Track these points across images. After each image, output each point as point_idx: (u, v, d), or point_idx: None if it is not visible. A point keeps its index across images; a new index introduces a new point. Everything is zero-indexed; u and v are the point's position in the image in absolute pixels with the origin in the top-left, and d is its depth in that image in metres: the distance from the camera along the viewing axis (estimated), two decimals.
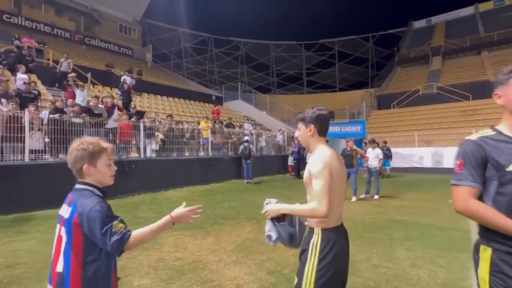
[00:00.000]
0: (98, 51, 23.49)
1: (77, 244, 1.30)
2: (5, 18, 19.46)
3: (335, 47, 37.85)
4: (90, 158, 1.38)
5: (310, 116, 1.73)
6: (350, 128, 16.55)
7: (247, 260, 3.78)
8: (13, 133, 5.78)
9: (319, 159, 1.61)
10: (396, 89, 24.54)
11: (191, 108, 18.33)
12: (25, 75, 8.78)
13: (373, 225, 5.34)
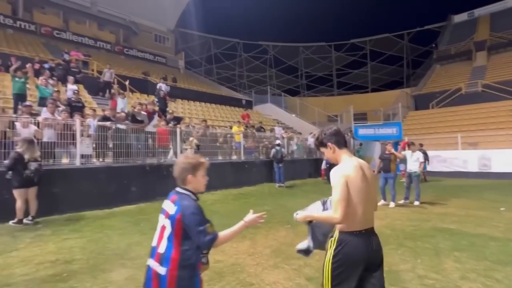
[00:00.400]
0: (135, 60, 24.92)
1: (177, 235, 1.67)
2: (55, 34, 21.39)
3: (367, 47, 36.60)
4: (193, 170, 1.75)
5: (324, 137, 1.98)
6: (385, 130, 15.87)
7: (284, 265, 3.78)
8: (65, 139, 6.33)
9: (337, 172, 1.84)
10: (435, 88, 23.13)
11: (222, 112, 18.75)
12: (74, 86, 9.58)
13: (415, 233, 5.08)
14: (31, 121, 5.76)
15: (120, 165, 6.97)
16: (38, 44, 18.91)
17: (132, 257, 4.02)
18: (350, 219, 1.79)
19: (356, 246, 1.81)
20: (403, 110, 20.69)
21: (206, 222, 1.65)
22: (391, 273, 3.46)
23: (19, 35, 19.23)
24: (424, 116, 20.17)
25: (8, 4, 21.16)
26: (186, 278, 1.65)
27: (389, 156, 7.53)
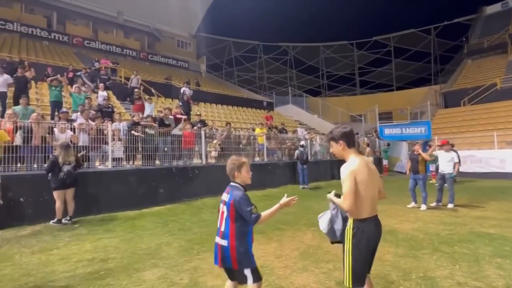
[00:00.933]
0: (159, 66, 25.78)
1: (232, 216, 2.27)
2: (86, 44, 22.64)
3: (391, 43, 35.41)
4: (238, 168, 2.34)
5: (338, 134, 2.26)
6: (413, 129, 15.26)
7: (314, 268, 3.73)
8: (98, 144, 6.65)
9: (346, 168, 2.16)
10: (466, 84, 21.93)
11: (244, 114, 18.89)
12: (104, 92, 10.06)
13: (452, 238, 4.81)
14: (67, 127, 6.12)
15: (148, 168, 7.23)
16: (71, 54, 20.09)
17: (163, 257, 4.14)
18: (360, 208, 2.13)
19: (368, 230, 2.16)
20: (431, 108, 19.76)
21: (252, 205, 2.22)
22: (427, 279, 3.32)
23: (53, 46, 20.54)
24: (455, 114, 19.16)
25: (44, 18, 22.69)
26: (242, 246, 2.24)
27: (417, 157, 7.20)
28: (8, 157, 5.42)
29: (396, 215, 6.47)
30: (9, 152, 5.42)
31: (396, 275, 3.45)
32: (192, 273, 3.61)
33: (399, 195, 9.00)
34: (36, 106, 9.96)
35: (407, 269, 3.61)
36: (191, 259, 4.05)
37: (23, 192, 5.39)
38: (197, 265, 3.83)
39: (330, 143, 2.34)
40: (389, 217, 6.15)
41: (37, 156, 5.61)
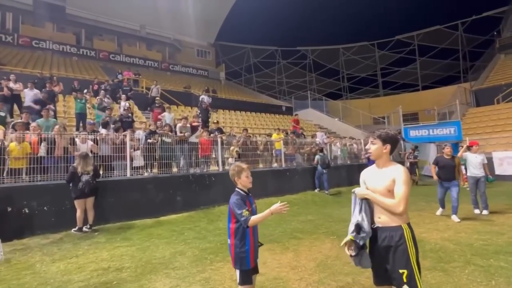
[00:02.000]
0: (180, 75, 26.49)
1: (232, 217, 2.44)
2: (111, 57, 23.77)
3: (415, 42, 34.04)
4: (238, 174, 2.48)
5: (389, 137, 2.21)
6: (441, 130, 14.40)
7: (331, 282, 3.50)
8: (118, 153, 6.82)
9: (404, 171, 2.13)
10: (499, 80, 20.47)
11: (263, 120, 18.82)
12: (126, 103, 10.40)
13: (487, 249, 4.37)
14: (88, 137, 6.33)
15: (165, 176, 7.30)
16: (97, 68, 21.14)
17: (175, 266, 4.09)
18: (407, 211, 2.12)
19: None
20: (461, 107, 18.61)
21: (243, 208, 2.35)
22: None
23: (81, 61, 21.75)
24: (488, 113, 17.88)
25: (73, 35, 24.13)
26: (239, 245, 2.40)
27: (451, 161, 6.45)
28: (33, 168, 5.67)
29: (423, 223, 6.04)
30: (34, 163, 5.67)
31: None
32: (204, 285, 3.51)
33: (427, 201, 8.45)
34: (63, 118, 10.52)
35: (435, 284, 3.29)
36: (204, 269, 3.96)
37: (47, 201, 5.59)
38: (209, 276, 3.73)
39: (375, 140, 2.23)
40: (416, 225, 5.66)
41: (60, 166, 5.82)
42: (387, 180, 2.13)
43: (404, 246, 2.05)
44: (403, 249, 2.05)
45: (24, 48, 20.20)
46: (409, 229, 2.10)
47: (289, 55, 38.11)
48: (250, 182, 2.52)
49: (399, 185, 2.06)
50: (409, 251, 2.05)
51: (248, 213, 2.33)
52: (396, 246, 2.07)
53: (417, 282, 2.03)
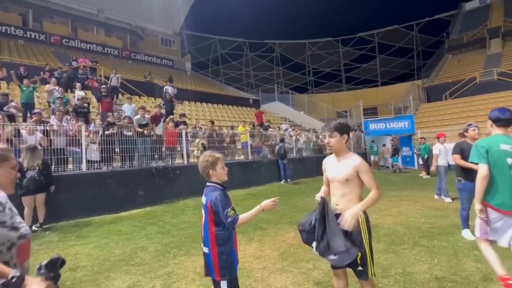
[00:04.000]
0: (142, 64, 25.17)
1: (210, 219, 2.08)
2: (64, 42, 21.84)
3: (375, 40, 35.85)
4: (212, 165, 2.13)
5: (345, 127, 2.27)
6: (397, 124, 15.42)
7: (293, 269, 3.61)
8: (73, 146, 6.34)
9: (360, 159, 2.25)
10: (447, 78, 22.39)
11: (229, 112, 18.68)
12: (81, 92, 9.66)
13: (432, 231, 4.80)
14: (36, 128, 5.79)
15: (126, 169, 6.96)
16: (48, 53, 19.33)
17: (136, 262, 3.94)
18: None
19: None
20: (414, 102, 20.09)
21: (229, 206, 2.02)
22: (406, 275, 3.25)
23: (29, 45, 19.70)
24: (437, 108, 19.53)
25: (18, 16, 21.71)
26: (224, 253, 2.05)
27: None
28: None
29: (378, 210, 6.45)
30: None
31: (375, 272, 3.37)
32: (166, 279, 3.43)
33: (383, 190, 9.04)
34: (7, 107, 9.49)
35: (387, 265, 3.54)
36: (167, 264, 3.87)
37: None
38: (172, 270, 3.65)
39: (332, 134, 2.26)
40: (372, 212, 6.02)
41: None
42: (346, 169, 2.23)
43: (358, 229, 2.17)
44: (357, 232, 2.17)
45: None
46: (363, 214, 2.20)
47: (256, 48, 38.03)
48: (226, 173, 2.21)
49: (367, 175, 2.22)
50: (362, 234, 2.18)
51: (233, 212, 2.01)
52: (351, 230, 2.14)
53: (369, 263, 2.19)
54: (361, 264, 2.17)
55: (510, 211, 2.46)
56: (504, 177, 2.48)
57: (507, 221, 2.49)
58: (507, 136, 2.60)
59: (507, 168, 2.47)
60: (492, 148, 2.54)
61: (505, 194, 2.47)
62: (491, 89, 18.03)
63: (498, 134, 2.62)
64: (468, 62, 24.08)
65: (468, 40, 26.28)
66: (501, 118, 2.61)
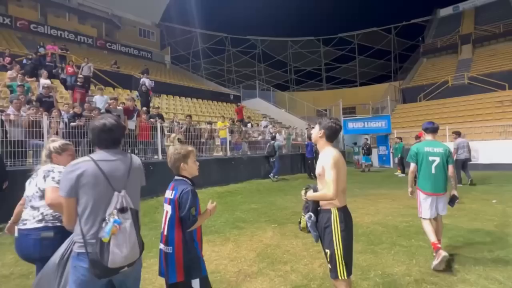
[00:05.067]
0: (119, 55, 23.98)
1: (178, 216, 1.93)
2: (32, 28, 20.32)
3: (355, 41, 36.51)
4: (184, 159, 2.03)
5: (325, 124, 2.29)
6: (374, 123, 15.71)
7: (269, 271, 3.41)
8: (33, 138, 5.76)
9: (329, 156, 2.17)
10: (422, 81, 23.17)
11: (209, 108, 18.23)
12: (47, 80, 8.91)
13: (409, 230, 4.78)
14: None
15: None
16: (14, 39, 17.90)
17: None
18: (341, 197, 2.19)
19: (349, 217, 2.27)
20: (391, 103, 20.63)
21: (194, 204, 1.92)
22: (385, 277, 3.15)
23: None
24: (412, 109, 20.16)
25: None
26: (191, 252, 1.94)
27: None
28: None
29: (357, 208, 6.41)
30: None
31: (354, 274, 3.22)
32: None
33: (361, 188, 9.10)
34: None
35: (366, 267, 3.43)
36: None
37: None
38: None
39: (316, 126, 2.37)
40: (351, 211, 6.07)
41: None
42: (320, 165, 2.23)
43: (330, 228, 2.16)
44: (329, 230, 2.17)
45: None
46: (338, 212, 2.17)
47: (238, 44, 37.53)
48: (197, 168, 2.11)
49: (327, 171, 2.13)
50: (333, 232, 2.14)
51: (195, 211, 1.92)
52: (325, 227, 2.19)
53: (337, 262, 2.13)
54: (330, 262, 2.17)
55: (431, 193, 3.52)
56: (428, 170, 3.55)
57: (432, 200, 3.53)
58: (433, 141, 3.68)
59: (430, 163, 3.54)
60: (420, 150, 3.62)
61: (428, 181, 3.54)
62: (462, 92, 18.83)
63: (426, 140, 3.74)
64: (441, 66, 25.06)
65: (441, 45, 27.34)
66: (428, 127, 3.72)
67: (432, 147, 3.56)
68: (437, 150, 3.54)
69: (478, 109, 16.58)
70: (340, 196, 2.15)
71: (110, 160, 1.63)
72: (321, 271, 3.34)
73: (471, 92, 18.42)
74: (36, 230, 2.03)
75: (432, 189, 3.50)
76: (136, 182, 1.78)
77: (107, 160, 1.63)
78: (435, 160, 3.51)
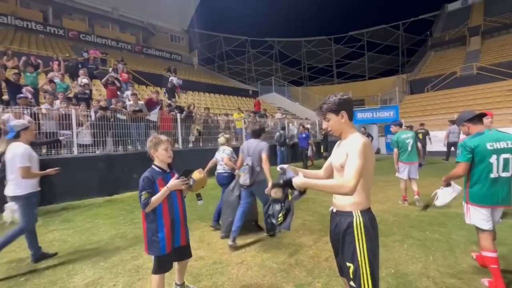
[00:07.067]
0: (153, 58, 23.93)
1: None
2: (81, 37, 20.62)
3: (364, 38, 34.04)
4: (155, 146, 1.96)
5: (339, 103, 1.55)
6: (382, 113, 14.39)
7: (272, 264, 2.83)
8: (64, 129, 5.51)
9: (358, 140, 1.45)
10: (429, 73, 21.03)
11: (230, 102, 17.69)
12: (84, 79, 8.72)
13: (422, 220, 3.99)
14: (23, 112, 4.94)
15: (120, 153, 6.15)
16: (66, 47, 18.19)
17: (109, 253, 3.19)
18: (367, 196, 1.50)
19: (376, 222, 1.52)
20: (399, 94, 18.92)
21: (144, 189, 1.84)
22: (399, 277, 2.45)
23: (49, 40, 18.56)
24: (419, 100, 18.36)
25: (39, 12, 20.42)
26: (150, 230, 1.90)
27: None
28: None
29: None
30: None
31: None
32: (131, 276, 2.67)
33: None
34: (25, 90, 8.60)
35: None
36: (139, 255, 3.11)
37: None
38: (142, 264, 2.89)
39: (327, 116, 1.56)
40: None
41: None
42: (342, 152, 1.50)
43: (351, 236, 1.47)
44: (349, 240, 1.47)
45: None
46: (361, 217, 1.46)
47: (257, 45, 36.43)
48: (169, 156, 1.97)
49: (350, 158, 1.41)
50: (356, 242, 1.45)
51: (148, 195, 1.83)
52: (344, 235, 1.49)
53: (363, 279, 1.43)
54: (354, 279, 1.46)
55: (406, 162, 4.88)
56: (405, 148, 4.88)
57: (407, 167, 4.89)
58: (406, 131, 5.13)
59: (406, 145, 4.86)
60: (399, 138, 4.95)
61: (405, 154, 4.88)
62: (470, 82, 16.81)
63: (401, 131, 5.12)
64: (449, 58, 22.61)
65: (449, 38, 24.65)
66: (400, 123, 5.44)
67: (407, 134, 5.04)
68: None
69: (488, 98, 14.67)
70: (363, 194, 1.46)
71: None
72: (327, 266, 2.71)
73: (480, 82, 16.36)
74: (222, 173, 3.97)
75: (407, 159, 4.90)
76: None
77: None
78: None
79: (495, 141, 2.25)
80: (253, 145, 3.52)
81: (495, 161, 2.22)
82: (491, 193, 2.22)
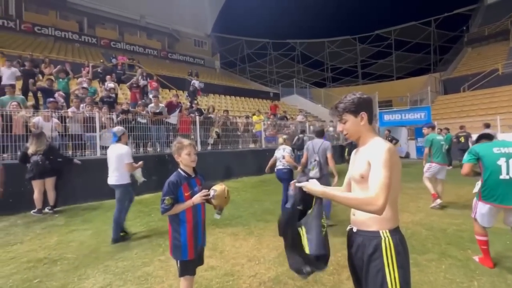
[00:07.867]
0: (178, 63, 24.71)
1: None
2: (112, 45, 21.87)
3: (392, 36, 32.32)
4: (178, 151, 1.95)
5: (358, 102, 1.30)
6: (413, 115, 13.40)
7: (288, 279, 2.59)
8: (89, 132, 5.71)
9: (384, 147, 1.20)
10: (466, 71, 19.35)
11: (250, 104, 17.62)
12: (111, 84, 9.11)
13: (461, 236, 3.49)
14: (51, 115, 5.19)
15: (140, 155, 6.25)
16: (98, 54, 19.38)
17: (121, 257, 3.15)
18: (394, 210, 1.24)
19: (406, 244, 1.26)
20: (431, 94, 17.56)
21: (167, 195, 1.82)
22: None
23: (83, 48, 19.89)
24: (455, 100, 16.91)
25: (76, 23, 22.04)
26: (174, 235, 1.89)
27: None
28: None
29: None
30: None
31: None
32: (141, 283, 2.58)
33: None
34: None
35: None
36: (151, 261, 3.03)
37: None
38: (152, 271, 2.79)
39: (343, 117, 1.34)
40: None
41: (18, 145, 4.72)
42: (364, 160, 1.25)
43: (379, 262, 1.20)
44: (377, 267, 1.20)
45: (27, 34, 18.27)
46: (391, 238, 1.21)
47: (279, 47, 36.18)
48: (192, 161, 1.95)
49: (376, 169, 1.17)
50: (386, 270, 1.19)
51: (171, 201, 1.81)
52: (369, 261, 1.23)
53: None
54: None
55: (440, 163, 4.93)
56: (439, 149, 4.89)
57: (438, 168, 4.95)
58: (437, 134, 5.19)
59: (441, 146, 4.89)
60: (435, 139, 4.93)
61: (440, 155, 4.90)
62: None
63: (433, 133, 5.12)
64: (489, 54, 20.64)
65: (489, 32, 22.55)
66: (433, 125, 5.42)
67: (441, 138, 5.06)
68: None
69: None
70: (390, 209, 1.21)
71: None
72: (349, 285, 2.40)
73: None
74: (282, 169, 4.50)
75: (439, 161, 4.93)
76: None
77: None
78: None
79: (502, 146, 2.53)
80: (318, 144, 4.06)
81: (504, 163, 2.45)
82: (502, 193, 2.44)
